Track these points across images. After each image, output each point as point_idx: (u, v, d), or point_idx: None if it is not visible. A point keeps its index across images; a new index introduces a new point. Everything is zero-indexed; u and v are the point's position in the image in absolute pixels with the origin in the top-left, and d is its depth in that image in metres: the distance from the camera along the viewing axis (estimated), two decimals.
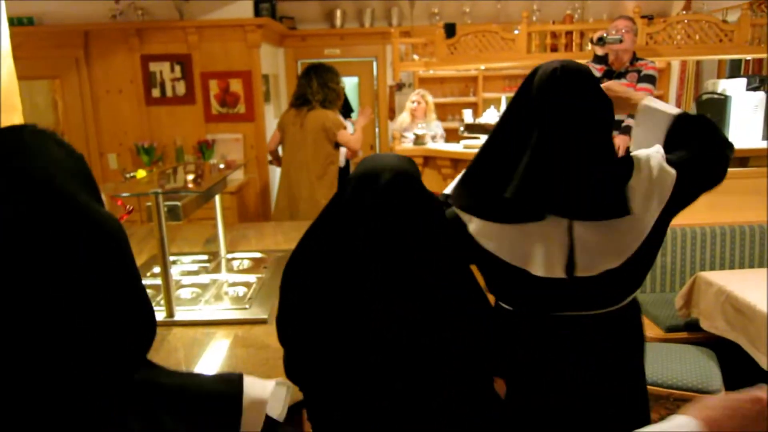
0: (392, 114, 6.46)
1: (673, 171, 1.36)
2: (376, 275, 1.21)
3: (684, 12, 5.71)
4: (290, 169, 3.99)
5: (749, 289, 2.53)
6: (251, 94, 5.10)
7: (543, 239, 1.37)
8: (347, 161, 4.44)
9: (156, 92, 5.11)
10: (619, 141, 3.36)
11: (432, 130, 4.94)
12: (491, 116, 4.71)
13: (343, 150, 4.23)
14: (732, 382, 2.55)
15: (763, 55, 4.44)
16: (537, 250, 1.38)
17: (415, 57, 4.91)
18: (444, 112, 6.38)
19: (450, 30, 4.76)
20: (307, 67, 4.06)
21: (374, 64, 6.53)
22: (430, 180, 4.60)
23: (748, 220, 3.35)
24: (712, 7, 5.34)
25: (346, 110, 4.63)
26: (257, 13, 5.29)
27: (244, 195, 5.23)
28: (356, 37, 6.44)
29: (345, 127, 3.98)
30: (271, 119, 5.59)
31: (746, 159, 4.06)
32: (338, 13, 6.38)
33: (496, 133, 1.45)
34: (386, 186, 1.21)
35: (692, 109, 5.01)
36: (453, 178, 4.45)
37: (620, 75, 3.57)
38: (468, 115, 5.05)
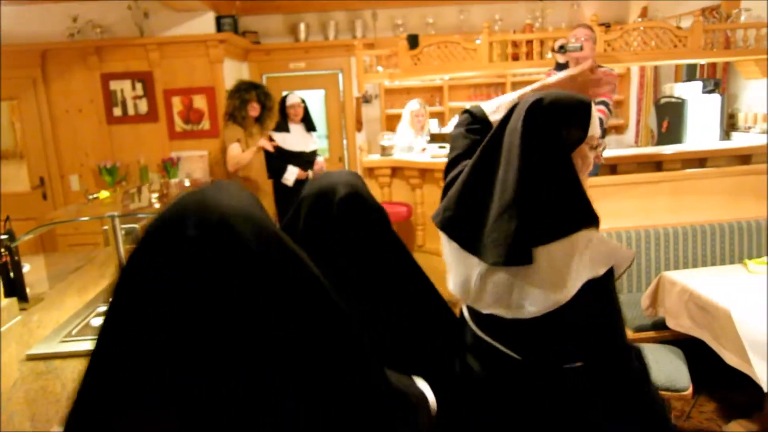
0: (360, 126, 6.47)
1: None
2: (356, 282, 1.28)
3: (640, 19, 5.86)
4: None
5: (711, 287, 2.58)
6: (215, 110, 5.05)
7: None
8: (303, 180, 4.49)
9: (117, 111, 5.02)
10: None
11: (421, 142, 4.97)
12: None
13: (294, 169, 4.48)
14: (700, 379, 2.60)
15: (716, 59, 4.58)
16: None
17: (380, 69, 4.93)
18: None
19: (413, 41, 4.80)
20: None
21: (340, 76, 6.53)
22: (398, 190, 4.61)
23: (708, 219, 3.43)
24: (667, 13, 5.50)
25: (307, 126, 4.69)
26: (219, 28, 5.26)
27: None
28: (321, 50, 6.44)
29: (238, 140, 4.44)
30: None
31: (704, 160, 4.17)
32: (302, 26, 6.37)
33: None
34: (341, 202, 1.27)
35: (651, 113, 5.14)
36: (421, 188, 4.50)
37: None
38: (434, 125, 5.08)
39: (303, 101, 4.67)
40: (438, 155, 4.42)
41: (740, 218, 3.42)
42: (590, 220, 1.25)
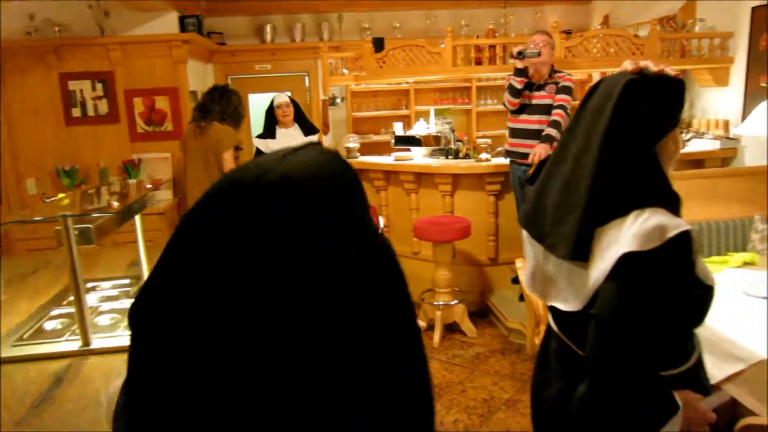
0: (326, 128, 6.46)
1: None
2: None
3: (601, 27, 6.00)
4: (187, 183, 4.09)
5: None
6: (179, 111, 4.99)
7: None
8: None
9: (76, 112, 4.91)
10: (540, 149, 3.48)
11: None
12: (421, 128, 4.79)
13: None
14: None
15: (672, 67, 4.71)
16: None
17: (345, 71, 4.94)
18: (377, 125, 6.45)
19: (378, 44, 4.82)
20: (211, 87, 4.22)
21: (306, 79, 6.52)
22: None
23: None
24: (628, 22, 5.64)
25: (305, 128, 4.41)
26: (183, 28, 5.19)
27: (175, 216, 5.09)
28: (287, 52, 6.42)
29: (235, 148, 4.04)
30: None
31: None
32: (268, 28, 6.35)
33: None
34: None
35: None
36: (386, 190, 4.52)
37: (540, 87, 3.70)
38: (398, 128, 5.11)
39: (293, 101, 4.35)
40: (403, 158, 4.45)
41: (692, 221, 3.53)
42: (661, 200, 1.18)
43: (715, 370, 2.21)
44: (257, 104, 6.03)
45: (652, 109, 1.19)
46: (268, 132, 4.32)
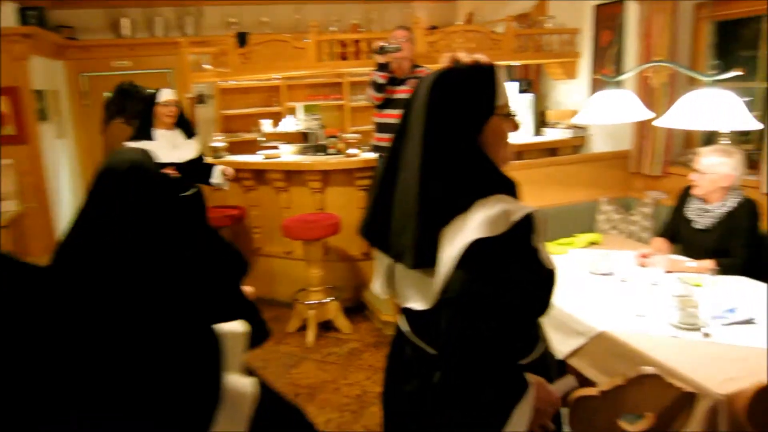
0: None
1: None
2: None
3: (464, 24, 6.22)
4: None
5: None
6: (21, 113, 4.54)
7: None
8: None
9: None
10: None
11: None
12: (289, 125, 4.71)
13: (219, 167, 3.83)
14: None
15: (526, 62, 4.98)
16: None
17: (209, 67, 4.74)
18: (248, 123, 6.26)
19: (242, 39, 4.68)
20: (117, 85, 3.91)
21: (171, 76, 6.20)
22: (233, 193, 4.46)
23: None
24: (488, 19, 5.89)
25: (186, 130, 3.81)
26: (24, 21, 4.73)
27: (23, 228, 4.63)
28: (148, 47, 6.07)
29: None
30: (50, 140, 5.04)
31: (521, 153, 4.52)
32: (125, 22, 5.96)
33: None
34: None
35: None
36: (255, 190, 4.39)
37: (402, 82, 3.76)
38: (267, 126, 4.99)
39: (179, 100, 3.80)
40: (272, 156, 4.35)
41: (545, 205, 3.74)
42: (499, 188, 1.17)
43: (561, 345, 2.34)
44: None
45: (465, 99, 1.17)
46: (143, 133, 3.58)
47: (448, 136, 1.17)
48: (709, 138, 3.63)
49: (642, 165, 3.94)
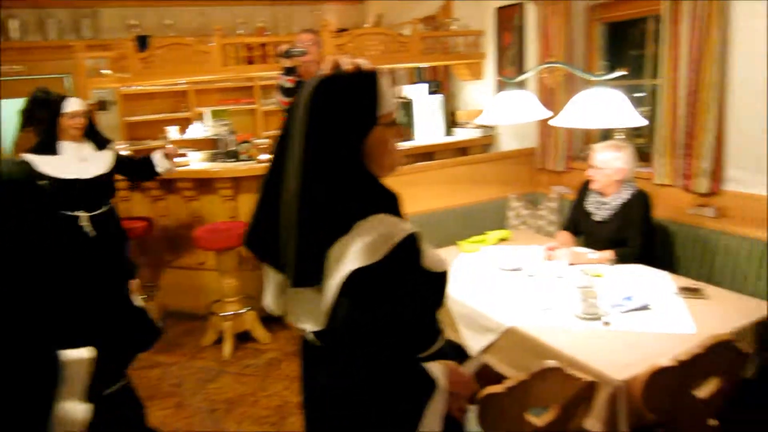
0: None
1: None
2: None
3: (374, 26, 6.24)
4: None
5: None
6: None
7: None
8: None
9: None
10: None
11: None
12: (197, 131, 4.55)
13: (159, 153, 3.57)
14: None
15: (433, 63, 5.07)
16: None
17: (108, 72, 4.49)
18: (155, 129, 5.98)
19: (142, 42, 4.47)
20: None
21: (68, 81, 5.84)
22: (139, 203, 4.26)
23: (436, 207, 3.77)
24: (396, 21, 5.94)
25: (97, 141, 3.47)
26: None
27: None
28: (41, 51, 5.70)
29: None
30: None
31: (432, 154, 4.59)
32: (13, 23, 5.55)
33: None
34: None
35: None
36: (164, 199, 4.21)
37: None
38: (174, 132, 4.80)
39: (88, 110, 3.45)
40: (179, 164, 4.17)
41: (458, 204, 3.83)
42: (380, 206, 1.14)
43: (473, 342, 2.39)
44: (10, 112, 5.24)
45: (345, 108, 1.13)
46: (46, 146, 3.25)
47: (328, 146, 1.13)
48: (607, 134, 3.82)
49: (547, 161, 4.10)
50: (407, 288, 1.15)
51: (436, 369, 1.25)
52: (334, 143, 1.12)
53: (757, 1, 2.78)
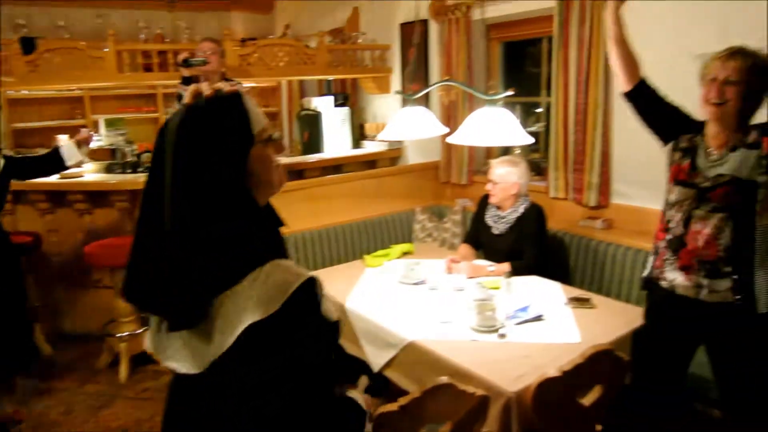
0: None
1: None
2: None
3: (282, 36, 6.18)
4: None
5: (330, 285, 2.79)
6: None
7: None
8: None
9: None
10: None
11: None
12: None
13: (65, 142, 3.29)
14: None
15: (339, 77, 5.08)
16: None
17: None
18: (46, 137, 5.57)
19: (28, 45, 4.17)
20: None
21: None
22: (26, 217, 3.95)
23: (344, 220, 3.76)
24: (304, 33, 5.91)
25: None
26: None
27: None
28: None
29: None
30: None
31: (340, 166, 4.58)
32: None
33: None
34: None
35: (296, 124, 5.46)
36: (52, 213, 3.93)
37: None
38: (64, 141, 4.50)
39: None
40: (70, 175, 3.92)
41: (365, 217, 3.84)
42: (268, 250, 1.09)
43: (376, 358, 2.40)
44: None
45: (219, 132, 1.06)
46: None
47: (207, 178, 1.05)
48: (506, 149, 3.97)
49: (451, 175, 4.20)
50: (307, 331, 1.10)
51: (360, 398, 1.27)
52: (214, 172, 1.05)
53: (636, 32, 2.99)
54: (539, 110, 3.94)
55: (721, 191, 1.86)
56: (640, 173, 3.09)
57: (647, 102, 2.12)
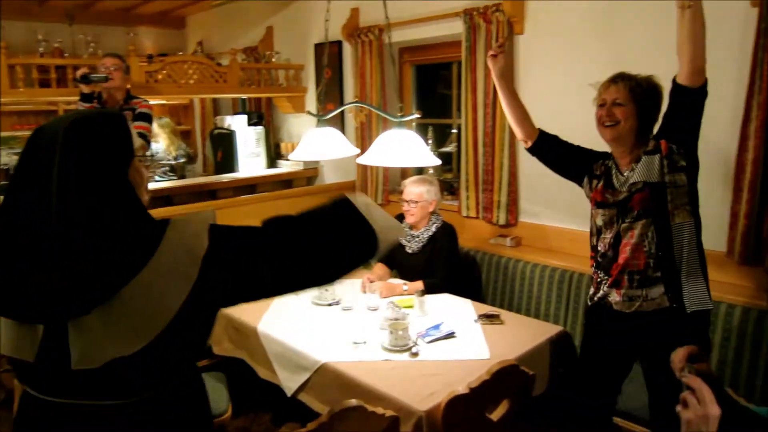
0: None
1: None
2: None
3: (195, 54, 6.03)
4: None
5: (244, 308, 2.73)
6: None
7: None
8: None
9: None
10: None
11: None
12: None
13: None
14: (239, 395, 2.73)
15: (252, 95, 5.02)
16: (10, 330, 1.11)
17: None
18: None
19: None
20: None
21: None
22: None
23: None
24: (217, 50, 5.80)
25: None
26: None
27: None
28: None
29: None
30: None
31: (254, 186, 4.50)
32: None
33: None
34: None
35: (208, 143, 5.32)
36: None
37: None
38: None
39: None
40: None
41: None
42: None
43: (289, 382, 2.34)
44: None
45: (103, 139, 1.09)
46: None
47: (96, 176, 1.07)
48: (420, 169, 4.04)
49: (367, 194, 4.21)
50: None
51: None
52: (104, 169, 1.08)
53: (536, 66, 3.15)
54: (454, 131, 4.05)
55: (638, 197, 1.94)
56: (545, 194, 3.23)
57: (550, 151, 2.24)
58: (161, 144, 5.29)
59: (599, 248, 2.07)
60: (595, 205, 2.08)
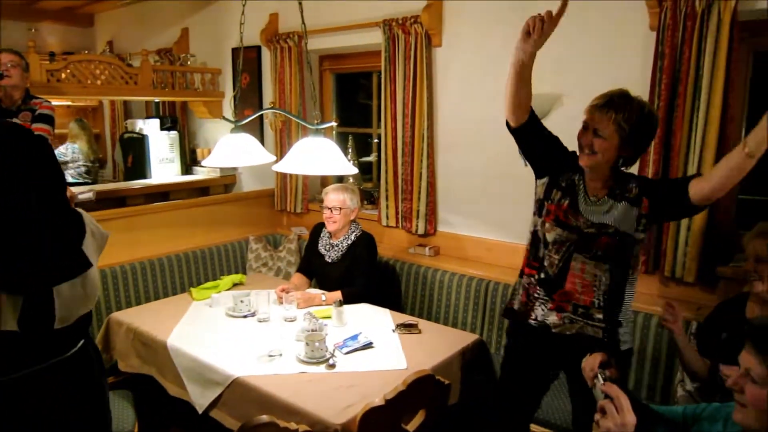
0: None
1: None
2: None
3: (104, 52, 5.73)
4: None
5: (154, 322, 2.60)
6: None
7: None
8: None
9: None
10: None
11: None
12: None
13: None
14: (147, 414, 2.59)
15: (165, 99, 4.83)
16: None
17: None
18: None
19: None
20: None
21: None
22: None
23: (171, 251, 3.51)
24: (129, 50, 5.54)
25: None
26: None
27: None
28: None
29: None
30: None
31: (167, 194, 4.31)
32: None
33: None
34: None
35: (118, 147, 5.06)
36: None
37: (12, 114, 3.21)
38: None
39: None
40: None
41: (196, 247, 3.63)
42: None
43: (200, 398, 2.24)
44: None
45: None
46: None
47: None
48: (340, 177, 4.01)
49: (286, 202, 4.14)
50: None
51: None
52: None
53: (453, 78, 3.22)
54: (375, 141, 4.05)
55: (606, 240, 1.85)
56: (463, 204, 3.30)
57: (534, 137, 1.96)
58: (77, 145, 5.07)
59: (545, 263, 1.96)
60: (554, 221, 1.93)
